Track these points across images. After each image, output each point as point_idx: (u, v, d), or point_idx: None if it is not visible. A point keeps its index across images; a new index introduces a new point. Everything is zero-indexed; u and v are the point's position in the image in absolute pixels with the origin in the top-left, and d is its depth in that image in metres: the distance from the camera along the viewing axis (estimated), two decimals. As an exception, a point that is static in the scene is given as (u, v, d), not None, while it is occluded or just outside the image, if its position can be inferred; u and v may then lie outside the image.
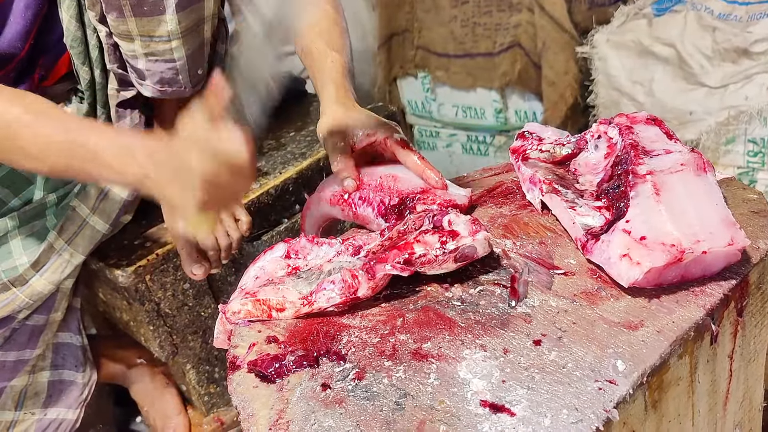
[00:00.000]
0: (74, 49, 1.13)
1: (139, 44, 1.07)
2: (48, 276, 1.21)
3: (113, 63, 1.13)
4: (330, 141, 1.04)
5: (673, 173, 0.78)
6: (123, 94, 1.17)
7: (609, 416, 0.66)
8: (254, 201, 1.36)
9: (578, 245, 0.84)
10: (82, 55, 1.14)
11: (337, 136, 1.04)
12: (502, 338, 0.77)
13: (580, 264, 0.84)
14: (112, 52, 1.12)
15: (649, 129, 0.89)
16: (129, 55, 1.10)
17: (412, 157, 1.02)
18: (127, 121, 1.19)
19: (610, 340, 0.73)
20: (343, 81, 1.09)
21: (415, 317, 0.82)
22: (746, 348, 0.83)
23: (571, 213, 0.85)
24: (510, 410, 0.69)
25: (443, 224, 0.85)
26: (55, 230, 1.21)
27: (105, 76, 1.17)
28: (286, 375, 0.79)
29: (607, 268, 0.78)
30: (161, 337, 1.36)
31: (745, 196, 0.88)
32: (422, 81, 2.51)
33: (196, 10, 1.08)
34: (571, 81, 2.28)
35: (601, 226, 0.82)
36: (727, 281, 0.76)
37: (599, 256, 0.79)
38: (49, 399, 1.32)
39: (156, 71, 1.10)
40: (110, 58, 1.13)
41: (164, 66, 1.10)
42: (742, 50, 1.88)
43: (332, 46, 1.13)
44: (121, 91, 1.17)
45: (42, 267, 1.21)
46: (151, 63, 1.09)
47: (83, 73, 1.15)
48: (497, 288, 0.83)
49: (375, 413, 0.72)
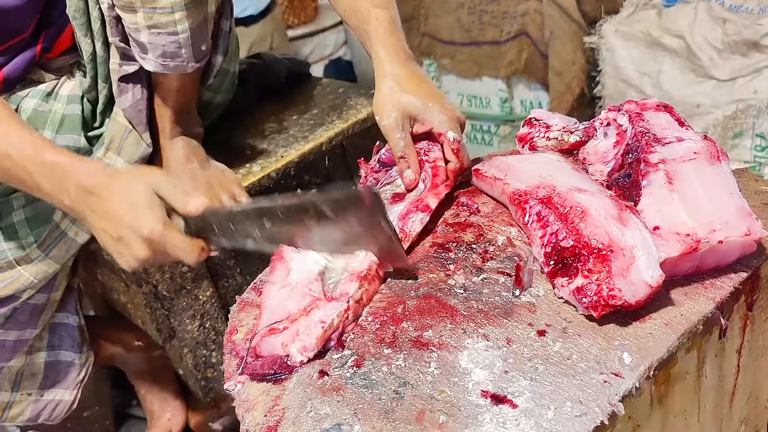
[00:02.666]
0: (76, 20, 1.11)
1: (142, 16, 1.05)
2: (54, 254, 1.19)
3: (115, 36, 1.11)
4: (387, 126, 0.97)
5: (686, 162, 0.76)
6: (125, 69, 1.14)
7: (614, 410, 0.65)
8: (255, 184, 1.34)
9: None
10: (84, 27, 1.12)
11: (393, 120, 0.97)
12: (505, 328, 0.75)
13: (587, 254, 0.82)
14: (114, 25, 1.10)
15: (660, 116, 0.87)
16: (131, 27, 1.08)
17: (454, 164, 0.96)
18: (129, 96, 1.17)
19: (616, 331, 0.71)
20: (392, 40, 1.01)
21: (417, 304, 0.80)
22: (755, 343, 0.81)
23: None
24: (512, 401, 0.67)
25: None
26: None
27: (107, 49, 1.15)
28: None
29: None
30: (158, 320, 1.35)
31: (758, 187, 0.86)
32: (428, 69, 2.48)
33: None
34: (578, 71, 2.25)
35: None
36: (737, 274, 0.74)
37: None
38: (45, 380, 1.30)
39: (158, 44, 1.08)
40: (112, 31, 1.11)
41: (167, 39, 1.07)
42: (753, 43, 1.85)
43: (375, 2, 1.04)
44: (123, 65, 1.14)
45: (48, 247, 1.19)
46: (153, 36, 1.07)
47: (85, 45, 1.13)
48: (501, 276, 0.81)
49: (373, 401, 0.71)
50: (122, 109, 1.18)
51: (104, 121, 1.22)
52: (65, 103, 1.19)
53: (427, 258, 0.87)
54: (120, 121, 1.20)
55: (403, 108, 0.96)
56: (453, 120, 0.97)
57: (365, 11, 1.04)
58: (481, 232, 0.89)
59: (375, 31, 1.02)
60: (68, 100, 1.20)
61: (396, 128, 0.96)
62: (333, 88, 1.61)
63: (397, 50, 1.00)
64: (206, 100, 1.37)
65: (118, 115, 1.20)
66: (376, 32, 1.02)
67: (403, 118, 0.97)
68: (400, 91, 0.97)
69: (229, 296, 1.39)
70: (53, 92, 1.20)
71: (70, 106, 1.19)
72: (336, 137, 1.45)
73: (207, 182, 1.25)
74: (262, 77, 1.60)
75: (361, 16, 1.05)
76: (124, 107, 1.18)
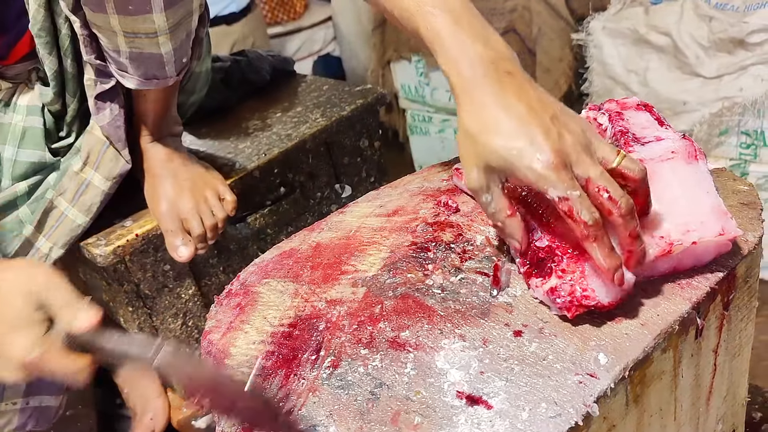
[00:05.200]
0: (41, 38, 1.06)
1: (122, 40, 1.00)
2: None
3: (90, 54, 1.06)
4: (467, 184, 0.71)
5: (663, 161, 0.75)
6: (102, 86, 1.10)
7: (589, 411, 0.64)
8: (237, 182, 1.33)
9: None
10: (48, 45, 1.07)
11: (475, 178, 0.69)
12: (482, 328, 0.74)
13: (565, 253, 0.82)
14: (88, 44, 1.05)
15: (640, 115, 0.87)
16: (110, 48, 1.03)
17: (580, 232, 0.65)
18: (107, 113, 1.13)
19: (592, 332, 0.71)
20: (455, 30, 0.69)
21: (394, 305, 0.80)
22: (731, 342, 0.81)
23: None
24: (487, 402, 0.67)
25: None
26: (32, 224, 1.17)
27: (77, 65, 1.10)
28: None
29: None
30: (140, 319, 1.34)
31: (735, 187, 0.86)
32: (416, 65, 2.48)
33: (184, 5, 1.01)
34: (566, 68, 2.26)
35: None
36: (714, 274, 0.74)
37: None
38: (29, 387, 1.29)
39: (140, 64, 1.04)
40: (87, 49, 1.06)
41: (150, 60, 1.03)
42: (738, 41, 1.85)
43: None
44: (100, 81, 1.10)
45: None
46: (135, 57, 1.03)
47: (49, 62, 1.09)
48: (479, 276, 0.81)
49: (349, 403, 0.70)
50: (101, 126, 1.15)
51: (71, 131, 1.19)
52: (25, 115, 1.16)
53: (406, 258, 0.87)
54: (97, 134, 1.17)
55: (484, 163, 0.68)
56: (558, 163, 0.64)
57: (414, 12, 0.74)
58: (460, 232, 0.88)
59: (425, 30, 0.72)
60: (28, 111, 1.16)
61: (480, 190, 0.70)
62: (317, 86, 1.61)
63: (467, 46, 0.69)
64: (180, 102, 1.36)
65: (94, 129, 1.17)
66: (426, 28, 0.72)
67: (488, 175, 0.69)
68: (476, 133, 0.67)
69: (212, 294, 1.39)
70: (11, 102, 1.16)
71: (30, 118, 1.16)
72: (320, 135, 1.44)
73: (190, 180, 1.24)
74: (246, 74, 1.59)
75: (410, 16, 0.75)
76: (102, 125, 1.14)
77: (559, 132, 0.65)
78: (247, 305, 0.88)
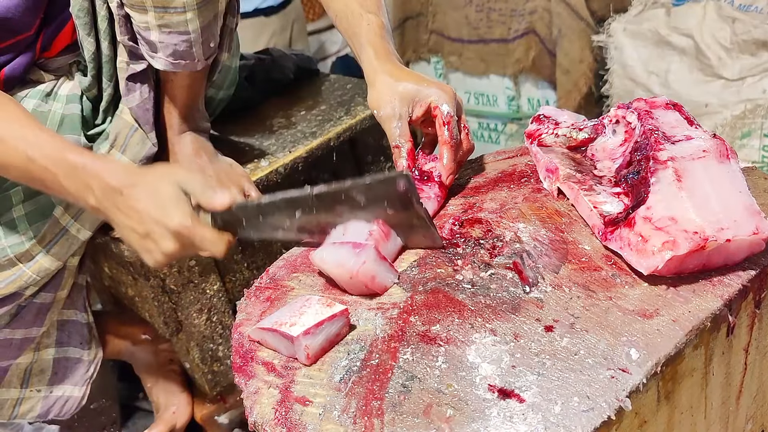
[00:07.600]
0: (80, 19, 1.11)
1: (152, 15, 1.05)
2: (55, 251, 1.20)
3: (124, 35, 1.11)
4: (384, 116, 0.98)
5: (695, 159, 0.76)
6: (133, 67, 1.14)
7: (621, 405, 0.65)
8: (263, 179, 1.34)
9: (595, 232, 0.83)
10: (87, 26, 1.11)
11: (390, 109, 0.97)
12: (513, 323, 0.75)
13: (595, 250, 0.82)
14: (123, 24, 1.09)
15: (669, 114, 0.87)
16: (141, 26, 1.07)
17: (444, 137, 0.95)
18: (137, 95, 1.17)
19: (624, 328, 0.71)
20: (383, 43, 1.03)
21: (425, 299, 0.81)
22: (762, 341, 0.81)
23: (588, 199, 0.83)
24: (519, 396, 0.67)
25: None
26: (61, 205, 1.19)
27: (113, 48, 1.14)
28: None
29: (626, 255, 0.76)
30: (166, 314, 1.35)
31: (767, 186, 0.86)
32: (435, 66, 2.48)
33: None
34: (586, 70, 2.25)
35: (619, 212, 0.80)
36: (746, 272, 0.74)
37: (618, 243, 0.77)
38: (54, 376, 1.31)
39: (169, 44, 1.08)
40: (121, 29, 1.10)
41: (178, 38, 1.07)
42: (762, 42, 1.84)
43: (366, 7, 1.06)
44: (132, 64, 1.14)
45: (49, 243, 1.19)
46: (164, 35, 1.07)
47: (88, 44, 1.13)
48: (509, 272, 0.82)
49: (381, 395, 0.71)
50: (129, 108, 1.18)
51: (107, 118, 1.22)
52: (64, 103, 1.19)
53: (435, 253, 0.87)
54: (125, 118, 1.20)
55: (401, 94, 0.97)
56: (451, 97, 0.97)
57: (357, 15, 1.06)
58: (489, 228, 0.89)
59: (366, 34, 1.04)
60: (67, 99, 1.19)
61: (393, 117, 0.97)
62: (341, 84, 1.61)
63: (388, 53, 1.02)
64: (209, 97, 1.37)
65: (123, 113, 1.20)
66: (367, 35, 1.04)
67: (402, 105, 0.97)
68: (396, 81, 0.98)
69: (237, 290, 1.40)
70: (52, 92, 1.19)
71: (69, 106, 1.19)
72: (344, 133, 1.45)
73: (216, 176, 1.25)
74: (270, 73, 1.60)
75: (352, 19, 1.07)
76: (132, 106, 1.18)
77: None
78: (276, 299, 0.89)
